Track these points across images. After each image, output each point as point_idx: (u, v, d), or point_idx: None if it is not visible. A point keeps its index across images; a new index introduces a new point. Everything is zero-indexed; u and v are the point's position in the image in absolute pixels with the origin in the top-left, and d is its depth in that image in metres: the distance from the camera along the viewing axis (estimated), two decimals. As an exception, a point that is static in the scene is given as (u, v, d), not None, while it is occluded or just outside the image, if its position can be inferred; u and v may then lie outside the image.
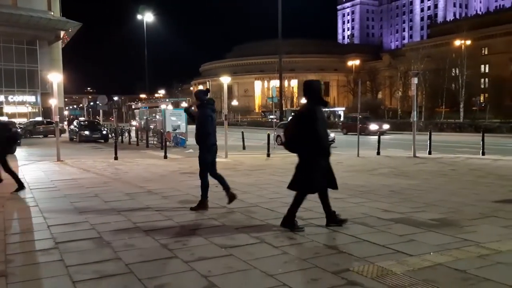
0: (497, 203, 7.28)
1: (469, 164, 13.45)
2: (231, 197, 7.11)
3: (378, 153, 17.00)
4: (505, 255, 4.55)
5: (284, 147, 5.77)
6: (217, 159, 7.21)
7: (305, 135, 5.44)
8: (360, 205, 7.20)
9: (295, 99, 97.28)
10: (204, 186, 6.98)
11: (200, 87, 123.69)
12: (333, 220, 5.78)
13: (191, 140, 25.39)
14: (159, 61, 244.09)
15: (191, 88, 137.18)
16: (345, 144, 23.93)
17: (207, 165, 6.98)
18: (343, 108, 78.14)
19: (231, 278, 3.97)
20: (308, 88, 5.66)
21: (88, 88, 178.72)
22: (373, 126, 33.54)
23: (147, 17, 45.01)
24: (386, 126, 36.08)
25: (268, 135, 17.37)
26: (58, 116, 17.65)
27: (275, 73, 76.77)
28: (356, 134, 29.30)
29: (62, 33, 52.06)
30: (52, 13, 50.38)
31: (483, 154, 16.14)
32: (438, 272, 4.05)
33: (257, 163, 14.04)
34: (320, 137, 5.48)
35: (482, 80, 71.16)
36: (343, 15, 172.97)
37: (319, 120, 5.47)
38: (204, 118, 6.87)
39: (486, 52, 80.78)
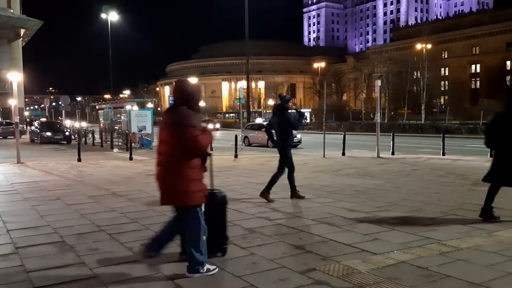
0: (457, 201, 7.53)
1: (431, 164, 13.86)
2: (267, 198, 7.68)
3: (343, 153, 17.29)
4: (465, 252, 4.70)
5: (485, 145, 6.24)
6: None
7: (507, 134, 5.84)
8: (326, 205, 7.29)
9: (262, 101, 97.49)
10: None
11: (167, 87, 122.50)
12: (489, 215, 6.00)
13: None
14: (124, 61, 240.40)
15: (157, 89, 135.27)
16: (311, 145, 24.21)
17: None
18: (309, 110, 79.05)
19: (198, 280, 3.94)
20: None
21: (50, 88, 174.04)
22: None
23: (112, 16, 44.15)
24: None
25: (236, 136, 17.35)
26: (18, 117, 17.05)
27: (242, 74, 76.84)
28: None
29: (22, 31, 50.32)
30: (12, 11, 48.55)
31: (443, 154, 16.68)
32: (402, 270, 4.15)
33: (224, 164, 13.99)
34: None
35: (442, 82, 73.38)
36: (309, 18, 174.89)
37: None
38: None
39: (446, 56, 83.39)
